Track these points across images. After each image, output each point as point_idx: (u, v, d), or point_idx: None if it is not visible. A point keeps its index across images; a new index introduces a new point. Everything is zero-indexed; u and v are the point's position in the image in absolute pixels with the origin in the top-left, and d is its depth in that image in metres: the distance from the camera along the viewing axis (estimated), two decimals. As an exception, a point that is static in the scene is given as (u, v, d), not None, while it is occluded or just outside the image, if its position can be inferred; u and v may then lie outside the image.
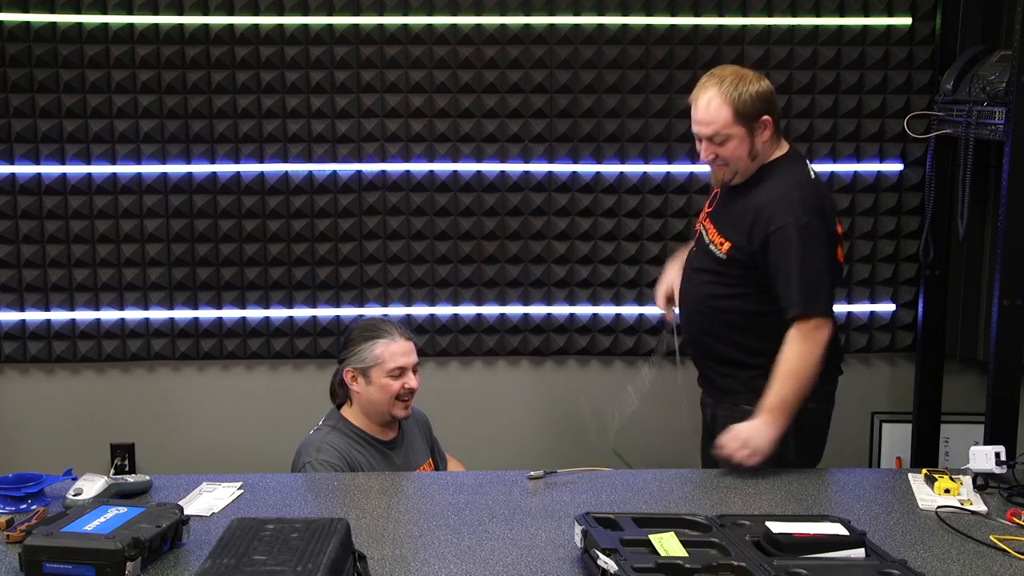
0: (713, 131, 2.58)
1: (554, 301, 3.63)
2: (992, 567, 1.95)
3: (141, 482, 2.32)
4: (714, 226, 2.71)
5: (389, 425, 2.73)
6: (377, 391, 2.66)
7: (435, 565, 1.93)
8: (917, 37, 3.53)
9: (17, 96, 3.44)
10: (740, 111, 2.56)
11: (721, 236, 2.66)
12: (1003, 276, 2.92)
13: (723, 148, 2.59)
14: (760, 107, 2.58)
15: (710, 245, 2.69)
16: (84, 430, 3.63)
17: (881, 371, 3.74)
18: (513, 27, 3.48)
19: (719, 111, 2.56)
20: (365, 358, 2.66)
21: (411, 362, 2.70)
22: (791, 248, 2.54)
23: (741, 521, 2.00)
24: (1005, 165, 2.91)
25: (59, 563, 1.79)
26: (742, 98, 2.56)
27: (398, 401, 2.67)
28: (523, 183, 3.56)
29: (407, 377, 2.68)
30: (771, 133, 2.62)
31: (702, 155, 2.64)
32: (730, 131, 2.57)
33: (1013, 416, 2.97)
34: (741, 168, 2.63)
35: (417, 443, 2.82)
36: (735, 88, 2.57)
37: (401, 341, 2.69)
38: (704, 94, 2.59)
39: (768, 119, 2.60)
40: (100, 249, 3.53)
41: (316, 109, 3.50)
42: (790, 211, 2.55)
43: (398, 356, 2.67)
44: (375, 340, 2.67)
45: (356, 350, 2.68)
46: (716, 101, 2.56)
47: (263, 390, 3.67)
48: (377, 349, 2.66)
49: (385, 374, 2.65)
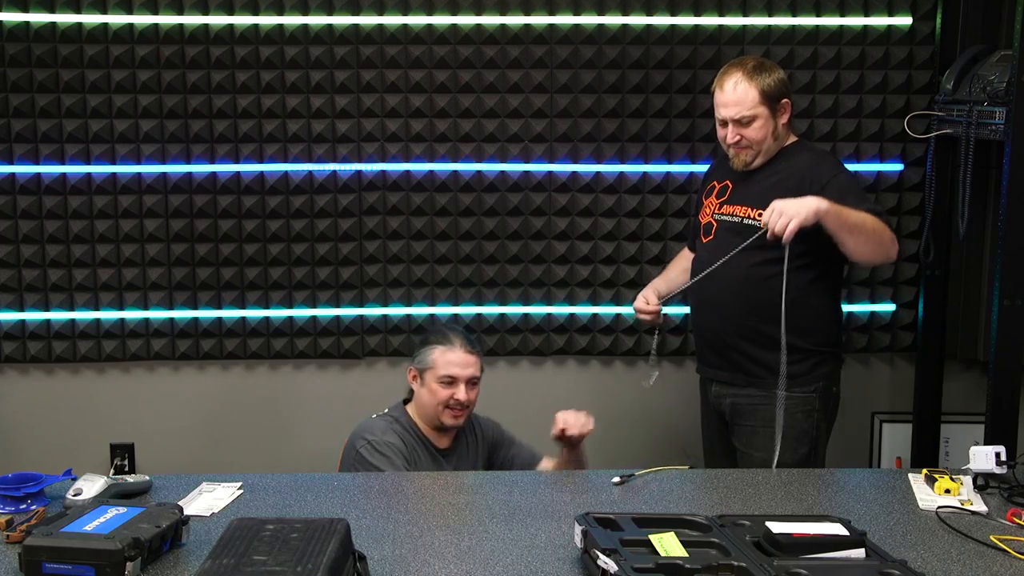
0: (740, 112, 2.75)
1: (554, 301, 3.62)
2: (992, 567, 1.95)
3: (141, 482, 2.32)
4: (743, 205, 2.81)
5: (443, 432, 2.76)
6: (427, 394, 2.72)
7: (435, 565, 1.93)
8: (917, 37, 3.53)
9: (17, 96, 3.44)
10: (765, 92, 2.75)
11: (759, 210, 2.70)
12: (1003, 276, 2.92)
13: (748, 129, 2.76)
14: (782, 89, 2.79)
15: (745, 221, 2.78)
16: (84, 430, 3.63)
17: (881, 371, 3.74)
18: (513, 27, 3.48)
19: (746, 92, 2.74)
20: (424, 360, 2.74)
21: (466, 375, 2.73)
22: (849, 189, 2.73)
23: (741, 521, 2.00)
24: (1005, 165, 2.91)
25: (59, 563, 1.78)
26: (766, 80, 2.76)
27: (447, 409, 2.71)
28: (523, 183, 3.56)
29: (457, 388, 2.71)
30: (789, 117, 2.82)
31: (728, 138, 2.78)
32: (755, 111, 2.75)
33: (1013, 416, 2.97)
34: (764, 149, 2.80)
35: (470, 455, 2.84)
36: (759, 72, 2.76)
37: (460, 352, 2.73)
38: (729, 78, 2.77)
39: (788, 102, 2.80)
40: (100, 249, 3.53)
41: (316, 109, 3.50)
42: (835, 166, 2.83)
43: (452, 365, 2.71)
44: (435, 345, 2.75)
45: (421, 351, 2.78)
46: (743, 83, 2.75)
47: (263, 390, 3.67)
48: (434, 354, 2.73)
49: (436, 380, 2.71)
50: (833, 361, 2.90)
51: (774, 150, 2.82)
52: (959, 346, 3.64)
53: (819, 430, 2.85)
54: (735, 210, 2.83)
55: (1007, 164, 2.90)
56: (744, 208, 2.81)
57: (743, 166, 2.82)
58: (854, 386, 3.71)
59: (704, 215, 2.94)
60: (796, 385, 2.76)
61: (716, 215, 2.88)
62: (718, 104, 2.80)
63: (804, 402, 2.81)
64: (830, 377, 2.87)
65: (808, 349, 2.79)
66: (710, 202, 2.92)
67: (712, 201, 2.91)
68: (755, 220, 2.74)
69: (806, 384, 2.81)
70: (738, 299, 2.80)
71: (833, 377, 2.89)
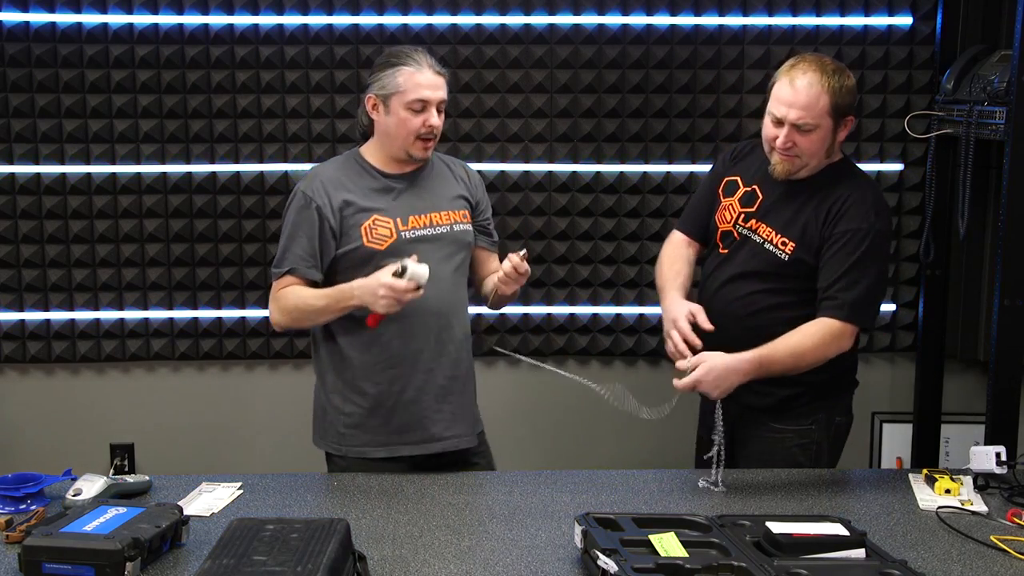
0: (804, 117, 2.42)
1: (554, 301, 3.62)
2: (992, 567, 1.95)
3: (141, 482, 2.32)
4: (768, 225, 2.55)
5: (405, 163, 2.53)
6: (396, 124, 2.46)
7: (435, 565, 1.93)
8: (917, 37, 3.53)
9: (17, 96, 3.44)
10: (837, 104, 2.43)
11: (784, 236, 2.51)
12: (1003, 276, 2.92)
13: (805, 137, 2.45)
14: (852, 103, 2.49)
15: (765, 245, 2.53)
16: (84, 430, 3.63)
17: (881, 371, 3.74)
18: (513, 27, 3.48)
19: (819, 98, 2.42)
20: (388, 84, 2.45)
21: (436, 97, 2.46)
22: (859, 252, 2.44)
23: (741, 521, 2.00)
24: (1005, 165, 2.91)
25: (58, 563, 1.78)
26: (842, 91, 2.44)
27: (417, 140, 2.47)
28: (523, 183, 3.56)
29: (429, 113, 2.44)
30: (846, 133, 2.53)
31: (780, 142, 2.46)
32: (820, 121, 2.43)
33: (1013, 416, 2.96)
34: (812, 164, 2.51)
35: (449, 191, 2.59)
36: (837, 78, 2.44)
37: (429, 73, 2.45)
38: (803, 76, 2.42)
39: (852, 119, 2.51)
40: (99, 249, 3.52)
41: (316, 109, 3.50)
42: (867, 215, 2.46)
43: (422, 87, 2.43)
44: (400, 67, 2.44)
45: (380, 75, 2.47)
46: (817, 87, 2.41)
47: (263, 390, 3.67)
48: (400, 77, 2.43)
49: (404, 106, 2.44)
50: (838, 390, 2.67)
51: (821, 166, 2.53)
52: (959, 346, 3.64)
53: (819, 465, 2.62)
54: (760, 227, 2.56)
55: (1007, 164, 2.89)
56: (769, 230, 2.54)
57: (785, 175, 2.51)
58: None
59: (724, 220, 2.64)
60: (790, 418, 2.59)
61: (741, 227, 2.59)
62: (779, 100, 2.44)
63: (799, 435, 2.61)
64: (834, 407, 2.65)
65: (806, 382, 2.52)
66: (731, 205, 2.63)
67: (734, 205, 2.62)
68: (778, 248, 2.52)
69: (803, 417, 2.61)
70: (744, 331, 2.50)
71: (837, 407, 2.66)
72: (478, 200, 2.67)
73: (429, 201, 2.55)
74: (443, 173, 2.62)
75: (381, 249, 2.47)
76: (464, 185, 2.64)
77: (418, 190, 2.55)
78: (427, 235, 2.51)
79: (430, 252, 2.48)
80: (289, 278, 2.50)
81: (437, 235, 2.53)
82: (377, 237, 2.47)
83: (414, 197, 2.54)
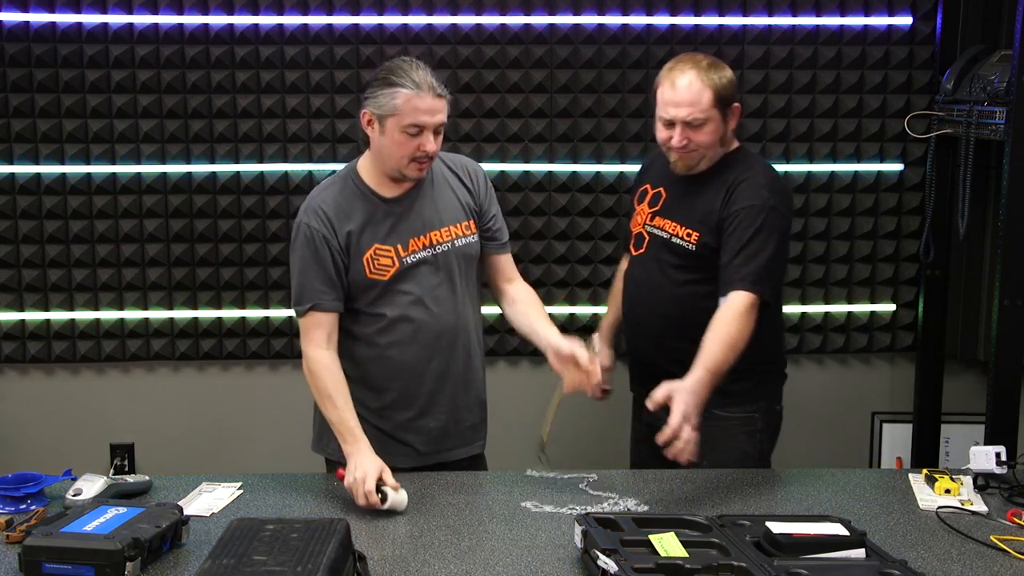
0: (692, 114, 2.50)
1: (554, 301, 3.62)
2: (992, 567, 1.95)
3: (141, 482, 2.32)
4: (673, 220, 2.62)
5: (400, 183, 2.44)
6: (390, 145, 2.36)
7: (435, 565, 1.93)
8: (917, 37, 3.53)
9: (16, 96, 3.44)
10: (720, 95, 2.51)
11: (687, 228, 2.58)
12: (1003, 276, 2.92)
13: (698, 133, 2.52)
14: (734, 92, 2.56)
15: (673, 239, 2.61)
16: (84, 430, 3.63)
17: (881, 371, 3.74)
18: (513, 27, 3.48)
19: (701, 93, 2.49)
20: (384, 104, 2.33)
21: (434, 122, 2.34)
22: (754, 226, 2.49)
23: (741, 521, 2.00)
24: (1005, 165, 2.91)
25: (58, 563, 1.78)
26: (721, 81, 2.52)
27: (412, 162, 2.37)
28: (523, 183, 3.56)
29: (425, 138, 2.33)
30: (736, 121, 2.60)
31: (675, 141, 2.53)
32: (708, 114, 2.51)
33: (1013, 416, 2.97)
34: (709, 155, 2.58)
35: (447, 203, 2.50)
36: (715, 72, 2.52)
37: (428, 97, 2.32)
38: (682, 76, 2.51)
39: (738, 106, 2.59)
40: (99, 249, 3.52)
41: (316, 109, 3.50)
42: (758, 193, 2.53)
43: (420, 112, 2.31)
44: (398, 88, 2.31)
45: (377, 93, 2.35)
46: (697, 83, 2.50)
47: (263, 390, 3.67)
48: (398, 99, 2.31)
49: (400, 129, 2.32)
50: (774, 378, 2.73)
51: (718, 156, 2.60)
52: (959, 346, 3.64)
53: (762, 452, 2.68)
54: (665, 224, 2.64)
55: (1007, 164, 2.90)
56: (674, 224, 2.62)
57: (686, 170, 2.59)
58: (854, 386, 3.71)
59: (635, 223, 2.74)
60: (734, 404, 2.60)
61: (648, 226, 2.69)
62: (665, 103, 2.53)
63: (745, 422, 2.63)
64: (772, 395, 2.71)
65: (743, 368, 2.50)
66: (642, 209, 2.72)
67: (644, 209, 2.71)
68: (683, 240, 2.59)
69: (746, 403, 2.63)
70: (669, 325, 2.63)
71: (776, 395, 2.72)
72: (482, 203, 2.56)
73: (428, 219, 2.46)
74: (443, 183, 2.52)
75: (385, 279, 2.41)
76: (467, 190, 2.54)
77: (417, 209, 2.46)
78: (427, 257, 2.45)
79: (430, 275, 2.44)
80: (315, 315, 2.40)
81: (438, 255, 2.46)
82: (380, 268, 2.41)
83: (414, 218, 2.45)
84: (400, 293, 2.43)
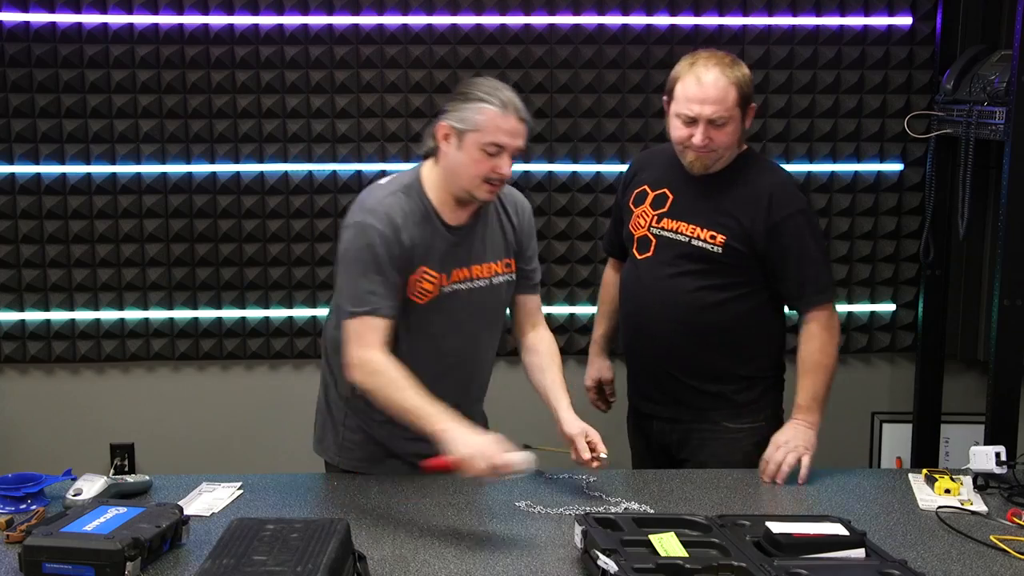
0: (718, 112, 2.42)
1: (554, 301, 3.62)
2: (992, 567, 1.95)
3: (141, 482, 2.32)
4: (690, 223, 2.54)
5: (465, 205, 2.35)
6: (466, 162, 2.27)
7: (435, 565, 1.93)
8: (917, 37, 3.53)
9: (17, 96, 3.44)
10: (744, 94, 2.46)
11: (710, 230, 2.51)
12: (1003, 276, 2.92)
13: (720, 131, 2.45)
14: (752, 91, 2.52)
15: (693, 241, 2.52)
16: (84, 430, 3.63)
17: (881, 371, 3.74)
18: (513, 27, 3.48)
19: (727, 90, 2.42)
20: (468, 119, 2.25)
21: (514, 145, 2.28)
22: (805, 234, 2.50)
23: (741, 521, 2.00)
24: (1005, 165, 2.91)
25: (59, 563, 1.78)
26: (744, 79, 2.47)
27: (484, 183, 2.29)
28: (523, 183, 3.56)
29: (502, 160, 2.27)
30: (751, 121, 2.56)
31: (697, 139, 2.44)
32: (732, 113, 2.44)
33: (1013, 416, 2.97)
34: (727, 156, 2.52)
35: (493, 237, 2.44)
36: (737, 69, 2.46)
37: (513, 119, 2.25)
38: (707, 72, 2.42)
39: (755, 106, 2.55)
40: (99, 249, 3.52)
41: (316, 109, 3.50)
42: (795, 197, 2.53)
43: (502, 133, 2.24)
44: (485, 105, 2.24)
45: (461, 107, 2.26)
46: (723, 80, 2.42)
47: (263, 390, 3.67)
48: (483, 116, 2.24)
49: (479, 146, 2.25)
50: (777, 385, 2.69)
51: (733, 156, 2.53)
52: (959, 346, 3.64)
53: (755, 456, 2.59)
54: (680, 226, 2.54)
55: (1007, 164, 2.90)
56: (692, 227, 2.53)
57: (704, 170, 2.50)
58: (854, 386, 3.71)
59: (638, 227, 2.62)
60: (744, 415, 2.58)
61: (654, 229, 2.58)
62: (689, 99, 2.42)
63: (753, 432, 2.58)
64: (775, 403, 2.66)
65: (754, 376, 2.57)
66: (643, 211, 2.61)
67: (646, 211, 2.61)
68: (706, 242, 2.51)
69: (755, 413, 2.60)
70: (677, 329, 2.55)
71: (778, 402, 2.68)
72: (523, 242, 2.49)
73: (475, 253, 2.40)
74: (495, 217, 2.45)
75: (421, 303, 2.34)
76: (511, 227, 2.47)
77: (469, 241, 2.39)
78: (462, 290, 2.38)
79: (460, 308, 2.38)
80: (372, 319, 2.27)
81: (472, 289, 2.40)
82: (420, 291, 2.34)
83: (464, 249, 2.38)
84: (428, 318, 2.37)
